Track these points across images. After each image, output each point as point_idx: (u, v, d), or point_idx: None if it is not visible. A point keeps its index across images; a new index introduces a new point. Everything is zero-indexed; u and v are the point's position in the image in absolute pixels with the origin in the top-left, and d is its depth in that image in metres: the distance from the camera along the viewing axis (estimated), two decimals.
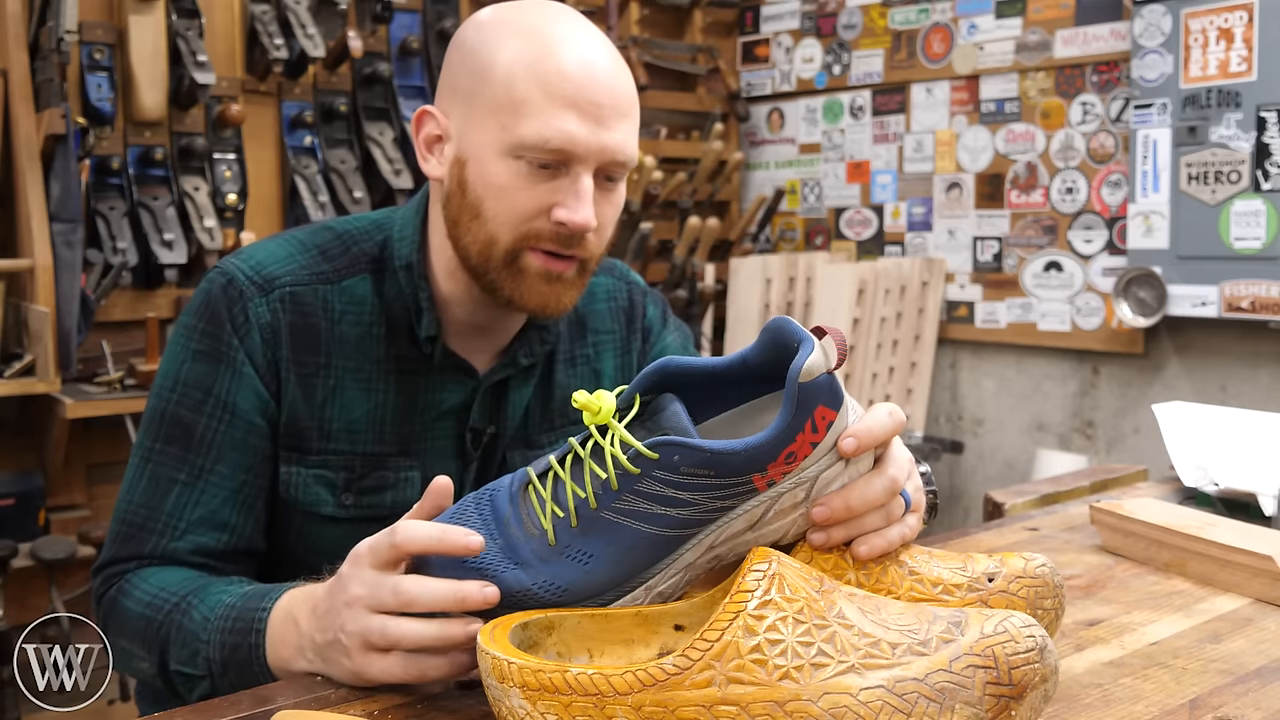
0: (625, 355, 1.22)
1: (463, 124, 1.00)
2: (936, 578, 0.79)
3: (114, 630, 1.01)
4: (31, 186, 2.40)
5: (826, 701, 0.62)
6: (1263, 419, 1.46)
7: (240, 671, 0.89)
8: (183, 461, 1.02)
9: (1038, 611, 0.79)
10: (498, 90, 0.97)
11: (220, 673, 0.91)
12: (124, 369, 2.56)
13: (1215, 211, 2.80)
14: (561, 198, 0.97)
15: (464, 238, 1.01)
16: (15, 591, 2.48)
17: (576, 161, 0.96)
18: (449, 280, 1.07)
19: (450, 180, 1.02)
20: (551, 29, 0.98)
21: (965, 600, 0.78)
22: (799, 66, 3.81)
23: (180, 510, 1.02)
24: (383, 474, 1.07)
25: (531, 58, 0.96)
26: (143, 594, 0.99)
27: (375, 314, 1.07)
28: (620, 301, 1.23)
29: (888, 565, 0.79)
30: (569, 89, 0.95)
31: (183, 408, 1.03)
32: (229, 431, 1.03)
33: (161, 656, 0.95)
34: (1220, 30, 2.76)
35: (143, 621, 0.97)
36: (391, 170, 2.92)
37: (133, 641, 0.98)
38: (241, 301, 1.04)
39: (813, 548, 0.77)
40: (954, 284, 3.44)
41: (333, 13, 2.92)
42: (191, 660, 0.93)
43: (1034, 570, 0.80)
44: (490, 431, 1.12)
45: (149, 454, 1.04)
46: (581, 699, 0.64)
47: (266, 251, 1.08)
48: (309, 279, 1.06)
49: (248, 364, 1.03)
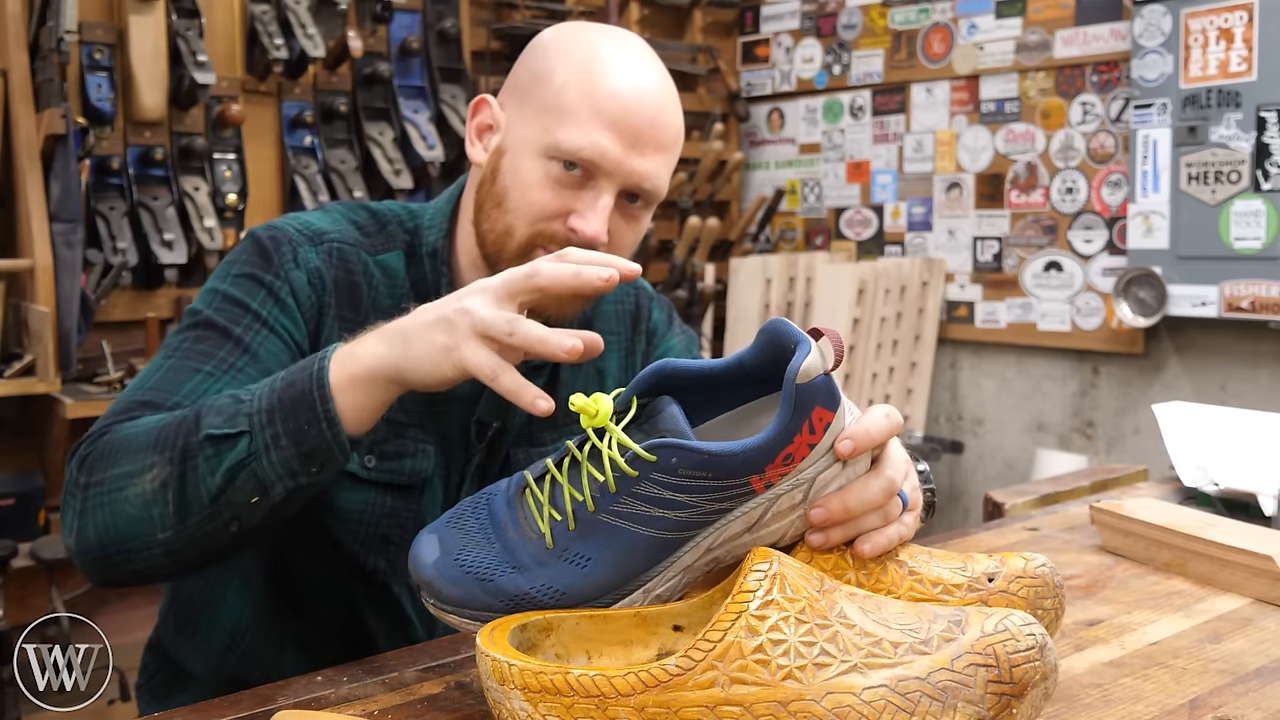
0: (630, 357, 1.23)
1: (513, 119, 1.05)
2: (936, 578, 0.79)
3: (105, 465, 0.89)
4: (31, 186, 2.40)
5: (830, 701, 0.62)
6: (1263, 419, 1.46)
7: (291, 410, 0.83)
8: (210, 355, 0.98)
9: (1038, 611, 0.79)
10: (550, 95, 1.02)
11: (265, 423, 0.83)
12: (124, 369, 2.56)
13: (1215, 211, 2.80)
14: (580, 207, 1.01)
15: (484, 223, 1.06)
16: (15, 591, 2.48)
17: (602, 176, 1.01)
18: (471, 269, 1.10)
19: (487, 167, 1.06)
20: (617, 53, 1.03)
21: (965, 600, 0.78)
22: (799, 66, 3.81)
23: (195, 394, 0.95)
24: (402, 442, 1.08)
25: (589, 73, 1.01)
26: (147, 422, 0.90)
27: (405, 291, 1.10)
28: (626, 304, 1.24)
29: (887, 565, 0.79)
30: (613, 109, 1.00)
31: (220, 315, 1.00)
32: (265, 343, 1.01)
33: (186, 440, 0.85)
34: (1220, 30, 2.76)
35: (154, 431, 0.88)
36: (391, 170, 2.92)
37: (136, 456, 0.87)
38: (292, 246, 1.04)
39: (811, 549, 0.77)
40: (954, 284, 3.44)
41: (333, 13, 2.92)
42: (231, 420, 0.84)
43: (1034, 570, 0.80)
44: (496, 426, 1.12)
45: (173, 351, 0.99)
46: (584, 700, 0.64)
47: (310, 215, 1.10)
48: (354, 242, 1.09)
49: (291, 297, 1.03)
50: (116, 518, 0.87)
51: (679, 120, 1.05)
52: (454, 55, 3.14)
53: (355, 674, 0.84)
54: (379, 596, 1.10)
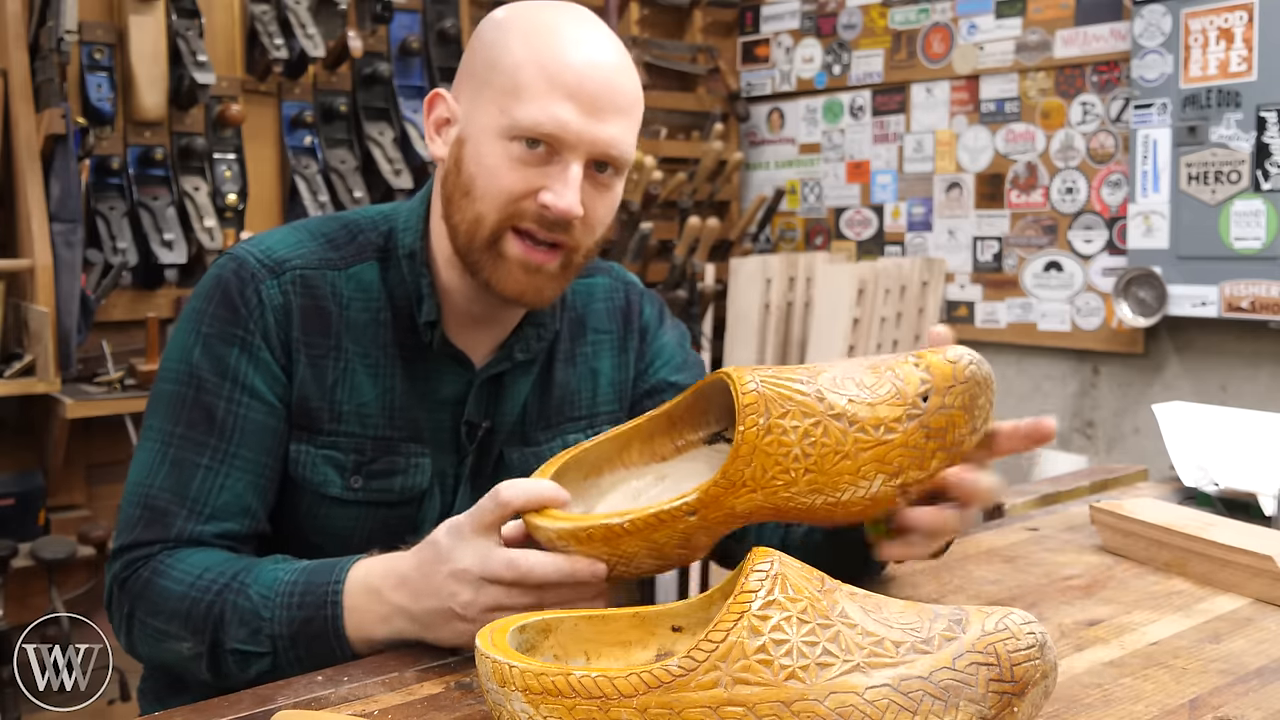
0: (623, 354, 1.23)
1: (470, 108, 1.04)
2: (875, 418, 0.80)
3: (146, 610, 0.99)
4: (31, 186, 2.40)
5: (833, 701, 0.62)
6: (1263, 419, 1.46)
7: (312, 645, 0.92)
8: (204, 446, 1.02)
9: (976, 412, 0.81)
10: (504, 77, 1.00)
11: (287, 647, 0.93)
12: (124, 369, 2.56)
13: (1215, 211, 2.80)
14: (549, 182, 1.00)
15: (454, 215, 1.04)
16: (15, 591, 2.48)
17: (567, 149, 0.99)
18: (449, 268, 1.09)
19: (450, 159, 1.05)
20: (564, 25, 1.02)
21: (908, 432, 0.79)
22: (799, 66, 3.81)
23: (205, 495, 1.02)
24: (393, 459, 1.08)
25: (539, 49, 1.00)
26: (183, 573, 0.98)
27: (381, 301, 1.09)
28: (617, 301, 1.24)
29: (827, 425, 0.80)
30: (569, 79, 0.99)
31: (203, 392, 1.03)
32: (249, 415, 1.03)
33: (215, 635, 0.95)
34: (1220, 30, 2.76)
35: (187, 602, 0.96)
36: (391, 170, 2.92)
37: (171, 622, 0.97)
38: (254, 283, 1.05)
39: None
40: (954, 284, 3.44)
41: (333, 13, 2.92)
42: (253, 638, 0.94)
43: (964, 374, 0.81)
44: (486, 426, 1.12)
45: (169, 438, 1.03)
46: (585, 702, 0.64)
47: (275, 238, 1.10)
48: (318, 264, 1.08)
49: (263, 347, 1.04)
50: (162, 655, 1.00)
51: (636, 82, 1.04)
52: (454, 55, 3.13)
53: (355, 674, 0.84)
54: None
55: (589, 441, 0.94)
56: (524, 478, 0.86)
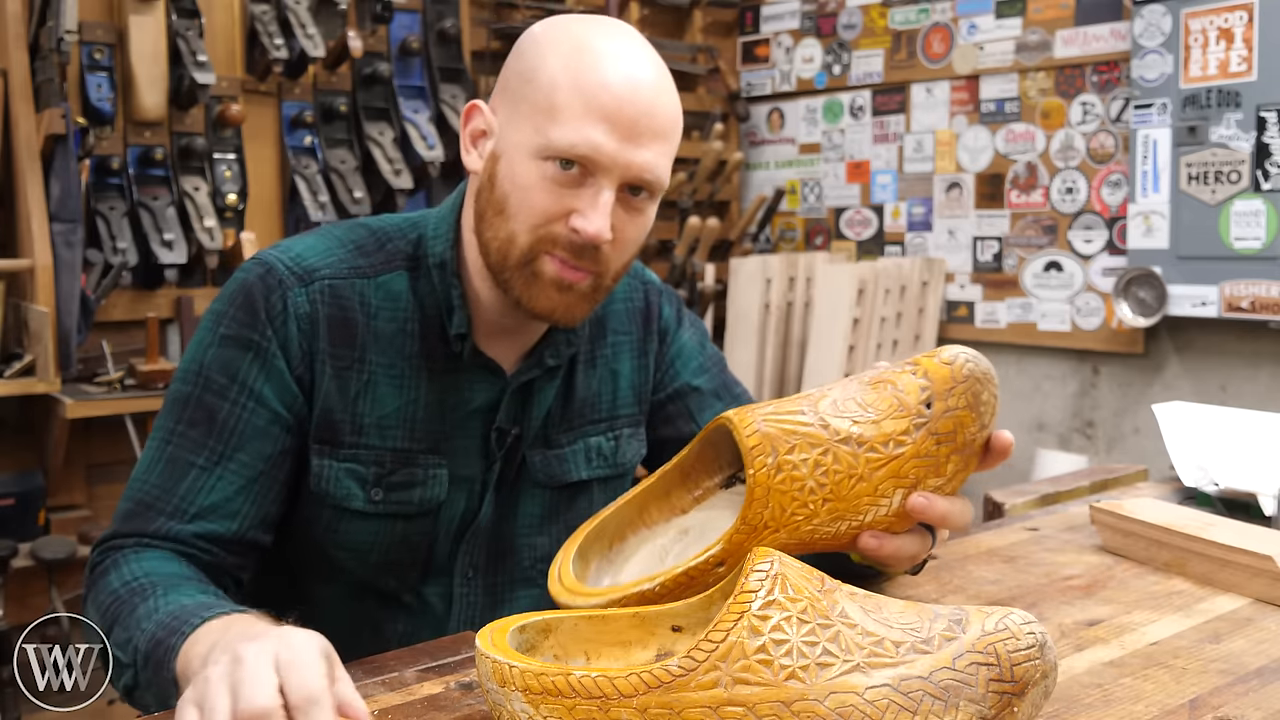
0: (643, 356, 1.22)
1: (506, 123, 1.02)
2: (882, 434, 0.80)
3: (89, 601, 0.99)
4: (31, 186, 2.40)
5: (833, 701, 0.62)
6: (1263, 419, 1.46)
7: (156, 670, 0.85)
8: (202, 446, 1.02)
9: (982, 408, 0.80)
10: (540, 95, 0.98)
11: (143, 665, 0.87)
12: (124, 369, 2.56)
13: (1215, 211, 2.80)
14: (581, 206, 0.98)
15: (486, 232, 1.03)
16: (15, 591, 2.48)
17: (600, 172, 0.97)
18: (480, 279, 1.07)
19: (484, 174, 1.04)
20: (603, 43, 1.00)
21: (917, 441, 0.79)
22: (799, 66, 3.81)
23: (193, 494, 1.01)
24: (412, 470, 1.07)
25: (577, 67, 0.98)
26: (129, 572, 0.97)
27: (410, 311, 1.08)
28: (637, 303, 1.23)
29: (836, 451, 0.80)
30: (606, 101, 0.96)
31: (208, 392, 1.03)
32: (252, 419, 1.02)
33: (111, 636, 0.93)
34: (1220, 30, 2.76)
35: (112, 599, 0.95)
36: (391, 170, 2.92)
37: (96, 615, 0.96)
38: (281, 290, 1.04)
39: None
40: (954, 284, 3.44)
41: (333, 13, 2.92)
42: (124, 645, 0.90)
43: (962, 373, 0.81)
44: (515, 433, 1.12)
45: (169, 435, 1.03)
46: (585, 702, 0.64)
47: (305, 245, 1.08)
48: (347, 273, 1.07)
49: (280, 355, 1.03)
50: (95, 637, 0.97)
51: (676, 106, 1.02)
52: (454, 55, 3.14)
53: (355, 674, 0.84)
54: (392, 606, 1.10)
55: (606, 510, 0.93)
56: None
